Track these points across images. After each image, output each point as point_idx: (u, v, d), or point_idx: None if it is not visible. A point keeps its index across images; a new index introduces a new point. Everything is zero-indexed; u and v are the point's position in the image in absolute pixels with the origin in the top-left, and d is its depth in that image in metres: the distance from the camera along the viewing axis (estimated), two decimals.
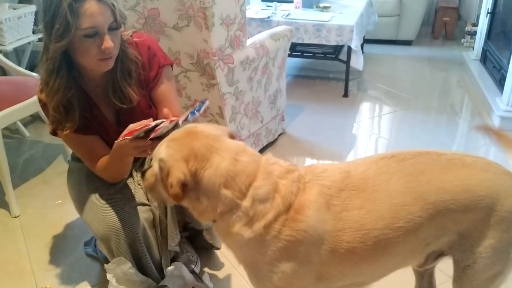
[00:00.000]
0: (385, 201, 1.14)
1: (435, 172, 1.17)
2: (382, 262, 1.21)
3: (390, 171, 1.17)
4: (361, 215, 1.13)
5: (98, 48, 1.41)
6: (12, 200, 2.33)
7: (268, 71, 2.66)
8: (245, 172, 1.12)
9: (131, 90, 1.57)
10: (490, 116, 3.35)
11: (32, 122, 3.30)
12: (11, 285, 1.89)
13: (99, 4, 1.36)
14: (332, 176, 1.18)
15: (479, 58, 4.26)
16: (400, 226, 1.13)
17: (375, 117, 3.57)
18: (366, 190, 1.15)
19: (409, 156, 1.20)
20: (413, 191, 1.14)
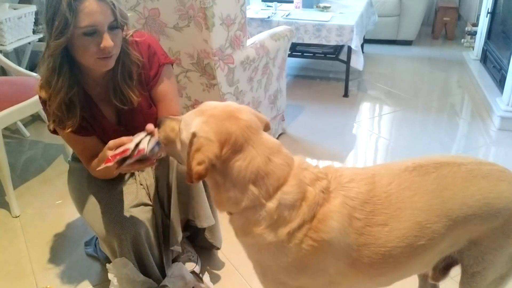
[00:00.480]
0: (409, 220, 1.12)
1: (458, 186, 1.15)
2: (397, 274, 1.21)
3: (414, 186, 1.15)
4: (384, 232, 1.11)
5: (97, 46, 1.40)
6: (12, 200, 2.33)
7: (268, 71, 2.66)
8: (276, 175, 1.09)
9: (131, 92, 1.56)
10: (490, 116, 3.35)
11: (32, 122, 3.30)
12: (11, 285, 1.89)
13: (98, 3, 1.35)
14: (358, 187, 1.14)
15: (479, 58, 4.26)
16: (422, 244, 1.13)
17: (375, 117, 3.57)
18: (390, 207, 1.12)
19: (431, 169, 1.17)
20: (436, 208, 1.13)
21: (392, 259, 1.12)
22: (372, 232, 1.10)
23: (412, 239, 1.11)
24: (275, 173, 1.09)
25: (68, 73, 1.47)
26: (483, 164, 1.22)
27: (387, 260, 1.12)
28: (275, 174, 1.08)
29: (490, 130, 3.22)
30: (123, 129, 1.65)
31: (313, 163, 1.22)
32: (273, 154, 1.10)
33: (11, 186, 2.32)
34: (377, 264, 1.12)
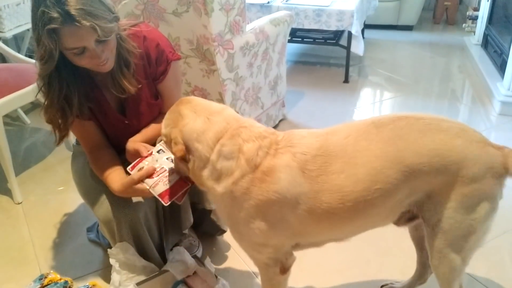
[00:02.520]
0: (364, 166, 1.20)
1: (412, 136, 1.22)
2: (361, 222, 1.30)
3: (370, 137, 1.24)
4: (341, 178, 1.20)
5: (90, 59, 1.40)
6: (15, 187, 2.34)
7: (268, 57, 2.66)
8: (214, 129, 1.27)
9: (126, 82, 1.55)
10: (491, 101, 3.35)
11: (32, 110, 3.30)
12: (15, 270, 1.91)
13: (78, 28, 1.29)
14: (309, 143, 1.25)
15: (480, 43, 4.23)
16: (379, 188, 1.20)
17: (375, 102, 3.56)
18: (345, 156, 1.22)
19: (388, 122, 1.26)
20: (391, 155, 1.21)
21: (351, 203, 1.21)
22: (328, 180, 1.21)
23: (369, 183, 1.20)
24: (213, 128, 1.27)
25: (57, 88, 1.47)
26: (444, 121, 1.28)
27: (346, 204, 1.21)
28: (213, 129, 1.27)
29: (490, 115, 3.22)
30: (127, 122, 1.67)
31: (293, 130, 1.33)
32: (213, 115, 1.30)
33: (13, 173, 2.34)
34: (336, 209, 1.22)
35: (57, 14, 1.26)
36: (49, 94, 1.48)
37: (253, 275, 1.83)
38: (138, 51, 1.57)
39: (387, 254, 1.93)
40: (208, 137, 1.26)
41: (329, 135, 1.28)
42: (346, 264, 1.87)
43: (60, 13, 1.26)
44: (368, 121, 1.29)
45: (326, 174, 1.21)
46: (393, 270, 1.83)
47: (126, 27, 1.54)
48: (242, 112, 2.55)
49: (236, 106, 2.48)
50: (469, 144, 1.23)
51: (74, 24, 1.28)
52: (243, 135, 1.26)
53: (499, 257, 1.92)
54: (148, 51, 1.60)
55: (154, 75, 1.65)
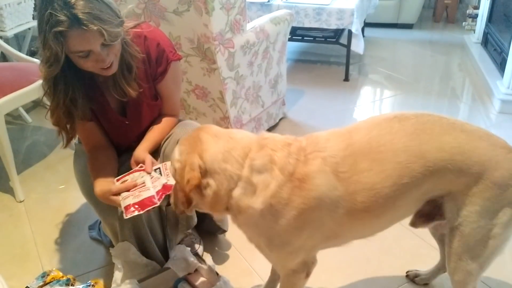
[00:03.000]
0: (390, 161, 1.21)
1: (435, 132, 1.23)
2: (390, 216, 1.31)
3: (393, 131, 1.23)
4: (370, 176, 1.21)
5: (94, 62, 1.41)
6: (17, 185, 2.36)
7: (268, 56, 2.66)
8: (240, 145, 1.22)
9: (128, 86, 1.56)
10: (491, 100, 3.36)
11: (34, 108, 3.31)
12: (18, 267, 1.92)
13: (85, 31, 1.30)
14: (336, 145, 1.24)
15: (480, 41, 4.24)
16: (406, 182, 1.21)
17: (376, 101, 3.57)
18: (371, 152, 1.22)
19: (411, 117, 1.26)
20: (415, 149, 1.21)
21: (382, 199, 1.22)
22: (360, 179, 1.21)
23: (396, 178, 1.21)
24: (239, 144, 1.23)
25: (63, 90, 1.47)
26: (468, 124, 1.29)
27: (378, 201, 1.22)
28: (239, 145, 1.22)
29: (490, 113, 3.23)
30: (127, 123, 1.69)
31: (314, 133, 1.33)
32: (233, 133, 1.27)
33: (15, 171, 2.35)
34: (371, 207, 1.22)
35: (64, 17, 1.27)
36: (54, 96, 1.49)
37: (254, 272, 1.84)
38: (141, 56, 1.57)
39: (387, 253, 1.94)
40: (236, 154, 1.20)
41: (352, 133, 1.27)
42: (346, 263, 1.88)
43: (68, 16, 1.27)
44: (390, 115, 1.29)
45: (357, 173, 1.21)
46: (393, 269, 1.84)
47: (129, 29, 1.54)
48: (242, 110, 2.56)
49: (237, 105, 2.49)
50: (493, 148, 1.23)
51: (81, 28, 1.29)
52: (270, 145, 1.23)
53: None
54: (149, 50, 1.61)
55: (154, 75, 1.65)
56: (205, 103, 2.46)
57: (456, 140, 1.22)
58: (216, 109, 2.45)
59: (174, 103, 1.76)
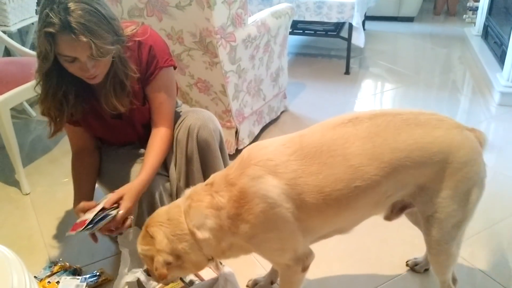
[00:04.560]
0: (341, 164, 1.23)
1: (389, 132, 1.26)
2: (348, 215, 1.33)
3: (346, 136, 1.26)
4: (319, 179, 1.23)
5: (80, 70, 1.44)
6: (22, 178, 2.39)
7: (269, 49, 2.69)
8: (177, 220, 1.31)
9: (117, 103, 1.58)
10: (491, 92, 3.38)
11: (37, 103, 3.33)
12: (25, 259, 1.91)
13: (74, 40, 1.34)
14: (274, 151, 1.28)
15: (480, 34, 4.26)
16: (358, 185, 1.24)
17: (376, 94, 3.60)
18: (322, 156, 1.24)
19: (366, 120, 1.29)
20: (368, 153, 1.24)
21: (333, 202, 1.24)
22: (308, 181, 1.23)
23: (347, 182, 1.23)
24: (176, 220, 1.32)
25: (54, 85, 1.52)
26: (423, 114, 1.32)
27: (329, 203, 1.24)
28: (177, 221, 1.32)
29: (490, 105, 3.26)
30: (119, 122, 1.72)
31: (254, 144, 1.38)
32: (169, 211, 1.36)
33: (21, 164, 2.38)
34: (322, 208, 1.25)
35: (58, 20, 1.31)
36: (45, 89, 1.53)
37: (257, 262, 1.87)
38: (137, 76, 1.59)
39: (387, 242, 1.97)
40: (179, 230, 1.30)
41: (304, 138, 1.30)
42: (347, 252, 1.91)
43: (62, 21, 1.32)
44: (345, 119, 1.31)
45: (305, 176, 1.23)
46: (393, 258, 1.88)
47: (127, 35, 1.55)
48: (244, 104, 2.59)
49: (238, 98, 2.52)
50: (450, 132, 1.28)
51: (71, 35, 1.33)
52: (195, 199, 1.31)
53: (498, 244, 1.96)
54: (141, 54, 1.62)
55: (142, 77, 1.65)
56: (207, 97, 2.49)
57: (411, 137, 1.25)
58: (218, 103, 2.48)
59: (167, 113, 1.72)
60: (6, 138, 2.30)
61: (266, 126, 2.96)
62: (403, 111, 1.32)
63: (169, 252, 1.30)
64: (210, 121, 1.77)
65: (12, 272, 1.02)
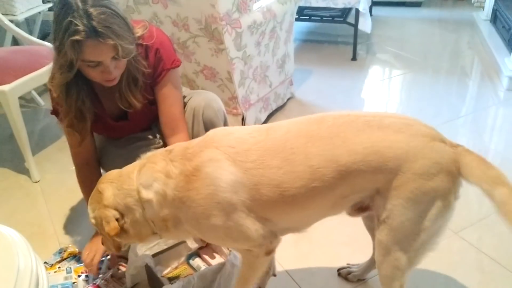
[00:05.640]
0: (302, 163, 1.21)
1: (349, 134, 1.22)
2: (305, 213, 1.30)
3: (309, 134, 1.24)
4: (279, 173, 1.21)
5: (101, 74, 1.46)
6: (32, 166, 2.43)
7: (275, 35, 2.68)
8: (127, 176, 1.31)
9: (134, 99, 1.61)
10: (499, 77, 3.35)
11: (46, 91, 3.35)
12: (36, 245, 1.94)
13: (100, 43, 1.36)
14: (237, 138, 1.28)
15: (489, 18, 4.20)
16: (316, 186, 1.21)
17: (384, 79, 3.58)
18: (284, 152, 1.23)
19: (329, 119, 1.27)
20: (327, 154, 1.21)
21: (291, 198, 1.23)
22: (266, 173, 1.22)
23: (306, 181, 1.21)
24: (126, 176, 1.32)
25: (75, 94, 1.53)
26: (389, 117, 1.27)
27: (286, 200, 1.23)
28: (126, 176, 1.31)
29: (498, 90, 3.23)
30: (122, 124, 1.75)
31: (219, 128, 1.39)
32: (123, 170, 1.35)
33: (30, 152, 2.41)
34: (277, 202, 1.24)
35: (83, 27, 1.32)
36: (67, 101, 1.54)
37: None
38: (148, 71, 1.61)
39: None
40: (126, 186, 1.29)
41: (270, 131, 1.29)
42: (353, 237, 1.92)
43: (87, 27, 1.33)
44: (312, 118, 1.30)
45: (264, 168, 1.22)
46: None
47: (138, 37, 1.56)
48: (250, 90, 2.59)
49: (244, 85, 2.52)
50: (412, 138, 1.20)
51: (98, 39, 1.35)
52: (150, 160, 1.32)
53: (505, 228, 1.94)
54: (149, 60, 1.63)
55: (151, 78, 1.66)
56: (213, 84, 2.50)
57: (369, 140, 1.20)
58: (225, 89, 2.48)
59: (171, 112, 1.72)
60: (15, 126, 2.33)
61: (273, 113, 2.96)
62: (369, 113, 1.29)
63: (114, 208, 1.29)
64: (213, 101, 1.81)
65: (18, 254, 1.04)
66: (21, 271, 1.00)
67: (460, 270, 1.76)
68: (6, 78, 2.28)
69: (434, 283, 1.71)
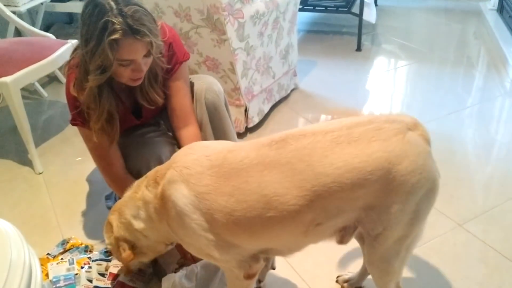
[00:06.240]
0: (254, 193, 1.16)
1: (314, 156, 1.14)
2: (269, 241, 1.26)
3: (266, 161, 1.17)
4: (231, 202, 1.18)
5: (130, 72, 1.48)
6: (35, 158, 2.43)
7: (278, 26, 2.65)
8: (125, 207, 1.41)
9: (156, 95, 1.64)
10: (505, 68, 3.31)
11: (49, 83, 3.36)
12: (39, 236, 2.00)
13: (138, 41, 1.40)
14: (194, 159, 1.26)
15: (496, 8, 4.15)
16: (272, 215, 1.15)
17: (389, 70, 3.54)
18: (238, 179, 1.18)
19: (291, 142, 1.18)
20: (286, 181, 1.14)
21: (246, 227, 1.19)
22: (218, 200, 1.19)
23: (260, 211, 1.16)
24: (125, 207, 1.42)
25: (107, 95, 1.54)
26: (357, 126, 1.18)
27: (242, 227, 1.20)
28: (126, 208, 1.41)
29: (505, 81, 3.19)
30: (137, 121, 1.77)
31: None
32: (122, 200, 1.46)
33: (33, 144, 2.41)
34: (234, 228, 1.21)
35: (121, 26, 1.35)
36: (101, 103, 1.53)
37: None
38: (166, 66, 1.63)
39: None
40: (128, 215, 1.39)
41: (229, 154, 1.24)
42: None
43: (125, 25, 1.35)
44: (273, 140, 1.22)
45: (216, 194, 1.19)
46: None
47: None
48: (253, 81, 2.57)
49: (247, 76, 2.50)
50: (388, 144, 1.14)
51: (135, 37, 1.37)
52: (133, 189, 1.41)
53: (510, 220, 1.94)
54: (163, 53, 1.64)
55: (165, 75, 1.69)
56: (216, 75, 2.48)
57: (340, 159, 1.12)
58: (227, 80, 2.46)
59: (184, 103, 1.74)
60: (17, 118, 2.33)
61: (276, 104, 2.94)
62: (336, 126, 1.19)
63: (123, 240, 1.41)
64: (214, 84, 1.84)
65: (11, 246, 1.04)
66: (13, 262, 1.00)
67: (464, 262, 1.74)
68: (9, 69, 2.27)
69: (438, 275, 1.70)
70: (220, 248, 1.25)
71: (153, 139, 1.76)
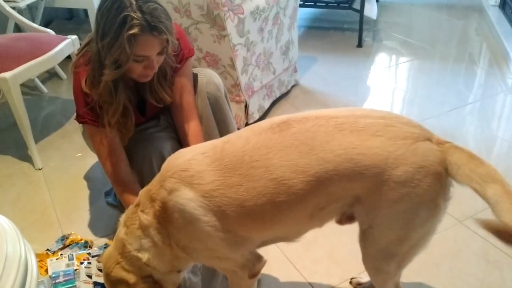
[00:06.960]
0: (263, 177, 1.12)
1: (318, 140, 1.11)
2: (279, 228, 1.23)
3: (270, 144, 1.14)
4: (240, 192, 1.13)
5: (143, 68, 1.48)
6: (35, 154, 2.42)
7: (279, 21, 2.64)
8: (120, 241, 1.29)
9: (165, 93, 1.65)
10: (507, 64, 3.29)
11: (49, 79, 3.36)
12: (39, 232, 2.00)
13: (156, 38, 1.41)
14: (191, 159, 1.21)
15: (498, 4, 4.13)
16: (283, 200, 1.12)
17: (391, 66, 3.53)
18: (243, 167, 1.14)
19: (294, 124, 1.15)
20: (292, 164, 1.11)
21: (258, 216, 1.15)
22: (227, 194, 1.14)
23: (270, 196, 1.12)
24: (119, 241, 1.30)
25: (122, 89, 1.54)
26: (364, 117, 1.14)
27: (254, 218, 1.16)
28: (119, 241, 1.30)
29: (506, 78, 3.17)
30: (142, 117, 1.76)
31: None
32: None
33: (33, 140, 2.41)
34: (246, 221, 1.17)
35: (140, 21, 1.36)
36: (116, 97, 1.53)
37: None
38: (175, 65, 1.64)
39: None
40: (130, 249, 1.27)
41: (226, 145, 1.20)
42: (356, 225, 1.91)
43: (144, 21, 1.36)
44: (274, 122, 1.19)
45: (224, 187, 1.14)
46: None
47: None
48: (253, 77, 2.56)
49: (247, 72, 2.49)
50: (390, 143, 1.08)
51: (153, 34, 1.39)
52: (127, 215, 1.30)
53: None
54: None
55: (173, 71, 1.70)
56: (216, 70, 2.46)
57: (341, 147, 1.09)
58: (227, 76, 2.46)
59: (188, 98, 1.73)
60: (17, 114, 2.32)
61: (277, 100, 2.93)
62: (342, 113, 1.15)
63: (140, 277, 1.28)
64: (214, 76, 1.85)
65: (7, 241, 1.04)
66: (9, 256, 1.00)
67: (464, 259, 1.74)
68: (8, 65, 2.27)
69: (438, 271, 1.69)
70: (233, 245, 1.22)
71: (154, 134, 1.75)
